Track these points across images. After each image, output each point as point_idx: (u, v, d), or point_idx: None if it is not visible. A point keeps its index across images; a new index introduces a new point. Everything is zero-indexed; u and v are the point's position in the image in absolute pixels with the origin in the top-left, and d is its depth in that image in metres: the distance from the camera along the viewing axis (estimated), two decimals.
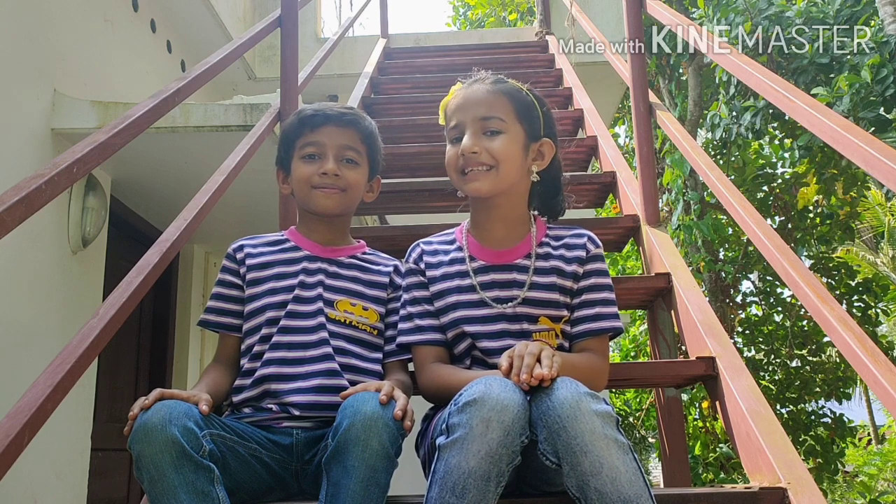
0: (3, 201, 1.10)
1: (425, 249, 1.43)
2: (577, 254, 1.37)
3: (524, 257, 1.37)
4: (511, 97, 1.38)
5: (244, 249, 1.46)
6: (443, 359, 1.35)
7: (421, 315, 1.37)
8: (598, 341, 1.33)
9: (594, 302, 1.34)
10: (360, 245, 1.53)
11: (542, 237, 1.40)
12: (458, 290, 1.35)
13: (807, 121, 1.40)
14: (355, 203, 1.50)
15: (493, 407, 1.00)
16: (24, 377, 1.41)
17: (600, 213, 6.68)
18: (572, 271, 1.35)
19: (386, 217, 4.07)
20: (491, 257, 1.38)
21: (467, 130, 1.35)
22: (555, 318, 1.33)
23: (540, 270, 1.35)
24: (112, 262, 3.33)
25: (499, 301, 1.33)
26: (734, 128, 4.78)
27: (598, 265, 1.37)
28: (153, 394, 1.12)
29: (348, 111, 1.49)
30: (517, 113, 1.37)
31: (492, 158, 1.33)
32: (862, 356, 1.20)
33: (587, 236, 1.39)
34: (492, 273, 1.36)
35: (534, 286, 1.34)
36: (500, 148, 1.33)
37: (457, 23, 10.57)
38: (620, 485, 0.98)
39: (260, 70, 5.16)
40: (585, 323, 1.33)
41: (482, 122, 1.34)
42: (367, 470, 1.06)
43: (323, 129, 1.45)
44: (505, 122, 1.35)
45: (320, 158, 1.44)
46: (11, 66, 2.77)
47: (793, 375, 5.65)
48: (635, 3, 2.46)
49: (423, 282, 1.39)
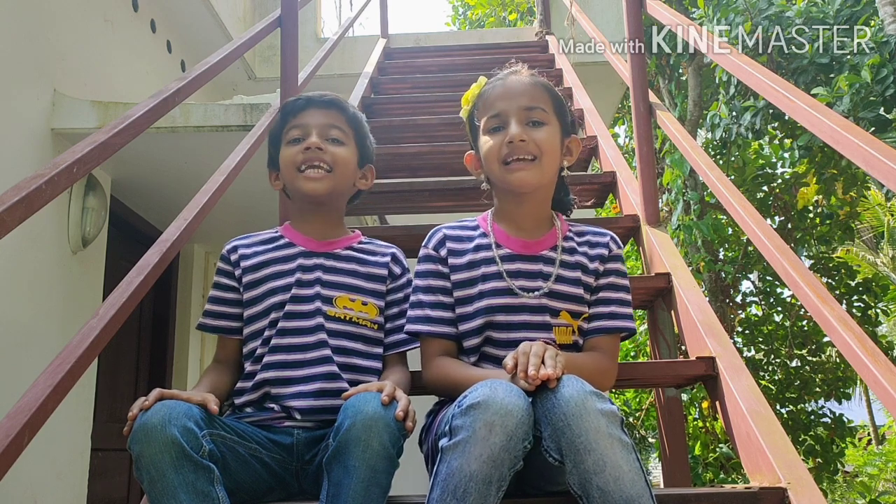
0: (3, 201, 1.10)
1: (448, 234, 1.40)
2: (599, 252, 1.37)
3: (550, 249, 1.37)
4: (549, 91, 1.38)
5: (238, 251, 1.45)
6: (451, 353, 1.34)
7: (433, 305, 1.35)
8: (609, 340, 1.33)
9: (610, 301, 1.34)
10: (355, 235, 1.51)
11: (566, 232, 1.41)
12: (483, 279, 1.34)
13: (807, 121, 1.40)
14: (345, 185, 1.47)
15: (496, 411, 1.00)
16: (24, 377, 1.41)
17: (600, 213, 6.68)
18: (594, 269, 1.36)
19: (386, 217, 4.07)
20: (518, 246, 1.37)
21: (511, 119, 1.33)
22: (575, 313, 1.33)
23: (566, 264, 1.35)
24: (112, 262, 3.33)
25: (524, 290, 1.32)
26: (734, 128, 4.78)
27: (618, 265, 1.38)
28: (153, 394, 1.12)
29: (330, 94, 1.48)
30: (555, 107, 1.38)
31: (537, 149, 1.33)
32: (862, 356, 1.20)
33: (610, 236, 1.40)
34: (518, 262, 1.35)
35: (560, 279, 1.34)
36: (546, 139, 1.33)
37: (456, 23, 10.57)
38: (623, 484, 0.98)
39: (260, 70, 5.16)
40: (599, 320, 1.33)
41: (527, 111, 1.34)
42: (368, 470, 1.05)
43: (305, 112, 1.45)
44: (547, 114, 1.36)
45: (305, 139, 1.43)
46: (11, 66, 2.77)
47: (793, 375, 5.65)
48: (635, 3, 2.46)
49: (441, 271, 1.37)
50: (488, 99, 1.38)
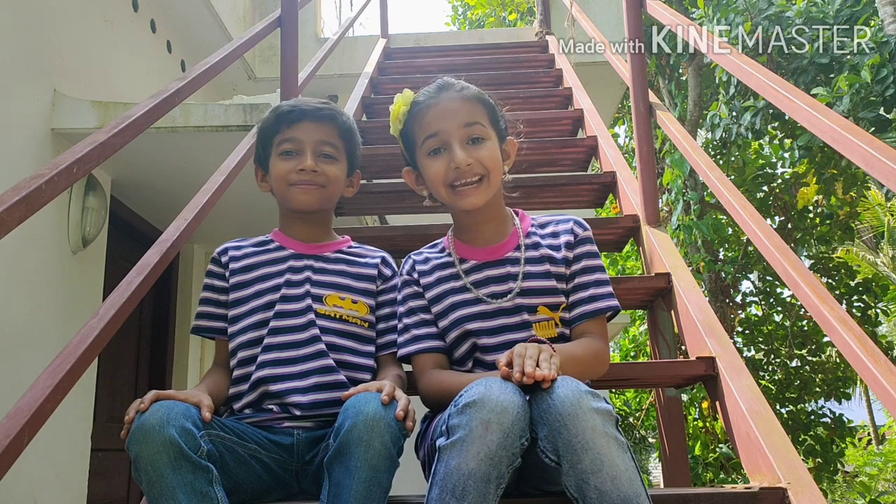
0: (3, 201, 1.10)
1: (416, 259, 1.43)
2: (565, 239, 1.37)
3: (514, 250, 1.38)
4: (482, 102, 1.37)
5: (228, 253, 1.46)
6: (442, 365, 1.35)
7: (417, 325, 1.37)
8: (596, 323, 1.33)
9: (587, 284, 1.34)
10: (344, 240, 1.52)
11: (528, 228, 1.41)
12: (452, 292, 1.36)
13: (807, 121, 1.40)
14: (335, 198, 1.49)
15: (492, 409, 1.00)
16: (24, 377, 1.41)
17: (600, 213, 6.68)
18: (563, 257, 1.36)
19: (386, 217, 4.07)
20: (482, 255, 1.38)
21: (453, 142, 1.32)
22: (553, 305, 1.33)
23: (531, 260, 1.36)
24: (112, 262, 3.33)
25: (495, 296, 1.33)
26: (734, 128, 4.78)
27: (587, 247, 1.37)
28: (149, 396, 1.12)
29: (325, 106, 1.47)
30: (490, 118, 1.38)
31: (483, 168, 1.32)
32: (862, 356, 1.20)
33: (573, 220, 1.40)
34: (486, 270, 1.36)
35: (528, 276, 1.34)
36: (489, 156, 1.33)
37: (456, 23, 10.58)
38: (620, 483, 0.98)
39: (260, 70, 5.16)
40: (581, 306, 1.33)
41: (466, 129, 1.33)
42: (369, 470, 1.06)
43: (300, 125, 1.44)
44: (485, 128, 1.35)
45: (298, 155, 1.43)
46: (11, 66, 2.77)
47: (792, 375, 5.65)
48: (635, 3, 2.46)
49: (418, 291, 1.39)
50: (423, 119, 1.35)
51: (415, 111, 1.38)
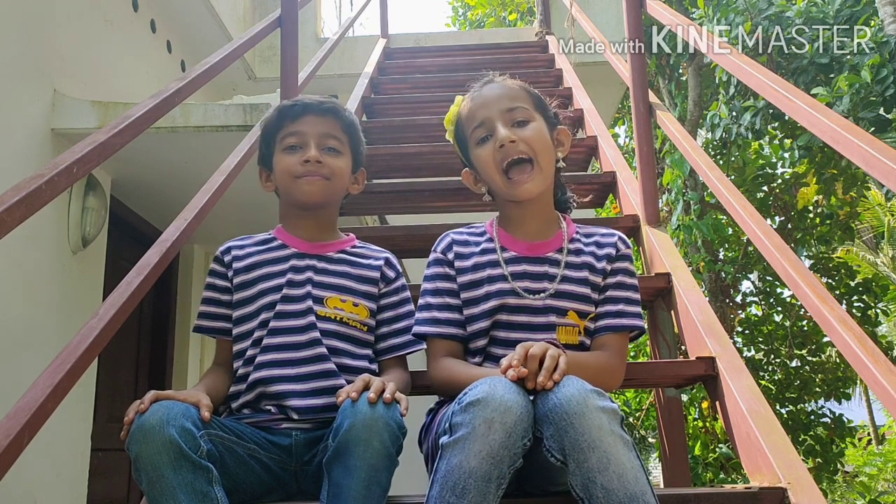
0: (3, 201, 1.10)
1: (455, 239, 1.42)
2: (607, 251, 1.38)
3: (556, 251, 1.38)
4: (525, 89, 1.40)
5: (231, 252, 1.45)
6: (456, 354, 1.34)
7: (440, 307, 1.36)
8: (617, 338, 1.33)
9: (618, 299, 1.34)
10: (349, 239, 1.51)
11: (572, 234, 1.41)
12: (489, 280, 1.35)
13: (807, 121, 1.40)
14: (340, 193, 1.49)
15: (496, 408, 1.00)
16: (24, 377, 1.41)
17: (600, 213, 6.68)
18: (602, 268, 1.36)
19: (386, 217, 4.07)
20: (524, 249, 1.38)
21: (496, 124, 1.35)
22: (582, 313, 1.33)
23: (571, 265, 1.36)
24: (112, 262, 3.32)
25: (529, 292, 1.33)
26: (734, 128, 4.79)
27: (626, 265, 1.38)
28: (148, 396, 1.12)
29: (327, 101, 1.48)
30: (535, 103, 1.39)
31: (529, 148, 1.33)
32: (862, 356, 1.19)
33: (618, 236, 1.41)
34: (524, 264, 1.36)
35: (565, 279, 1.34)
36: (534, 136, 1.34)
37: (456, 23, 10.57)
38: (627, 481, 0.98)
39: (260, 70, 5.16)
40: (607, 318, 1.33)
41: (509, 113, 1.35)
42: (368, 470, 1.05)
43: (303, 119, 1.44)
44: (529, 111, 1.37)
45: (302, 148, 1.42)
46: (11, 66, 2.77)
47: (792, 375, 5.66)
48: (635, 3, 2.46)
49: (448, 274, 1.38)
50: (469, 113, 1.39)
51: (463, 111, 1.41)
